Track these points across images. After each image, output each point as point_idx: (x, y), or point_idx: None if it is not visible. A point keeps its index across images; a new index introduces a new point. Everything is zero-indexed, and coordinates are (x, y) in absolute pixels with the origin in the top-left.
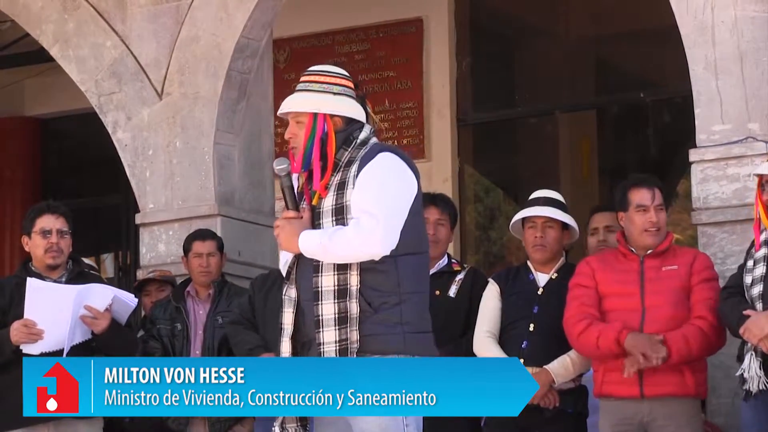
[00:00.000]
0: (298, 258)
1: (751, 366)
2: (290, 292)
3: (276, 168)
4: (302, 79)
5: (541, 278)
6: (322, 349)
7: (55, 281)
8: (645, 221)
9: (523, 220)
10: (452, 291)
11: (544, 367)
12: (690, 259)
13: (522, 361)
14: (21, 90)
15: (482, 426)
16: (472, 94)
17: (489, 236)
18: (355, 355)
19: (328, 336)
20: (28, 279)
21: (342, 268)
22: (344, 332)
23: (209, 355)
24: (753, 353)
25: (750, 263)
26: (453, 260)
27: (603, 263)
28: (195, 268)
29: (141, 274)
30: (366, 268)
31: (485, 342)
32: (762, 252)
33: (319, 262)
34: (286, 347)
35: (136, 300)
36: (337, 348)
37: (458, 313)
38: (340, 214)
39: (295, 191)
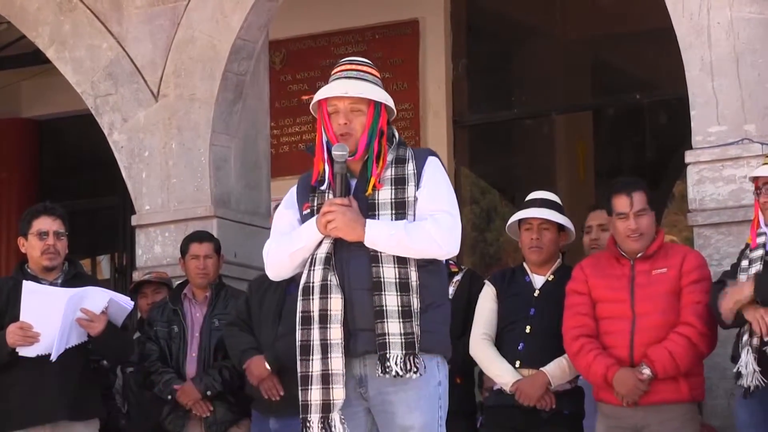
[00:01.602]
0: (335, 245)
1: (747, 361)
2: (333, 279)
3: (336, 153)
4: (352, 66)
5: (538, 280)
6: (387, 340)
7: (51, 283)
8: (625, 228)
9: (520, 221)
10: (449, 292)
11: (541, 369)
12: (680, 259)
13: (518, 362)
14: (17, 91)
15: (479, 427)
16: (468, 96)
17: (485, 238)
18: (418, 350)
19: (393, 327)
20: (24, 282)
21: (402, 262)
22: (409, 326)
23: (205, 358)
24: (749, 348)
25: (745, 263)
26: (450, 261)
27: (595, 268)
28: (192, 270)
29: (137, 276)
30: (420, 265)
31: (481, 344)
32: (758, 252)
33: (377, 252)
34: (337, 333)
35: (132, 303)
36: (403, 341)
37: (456, 314)
38: (401, 209)
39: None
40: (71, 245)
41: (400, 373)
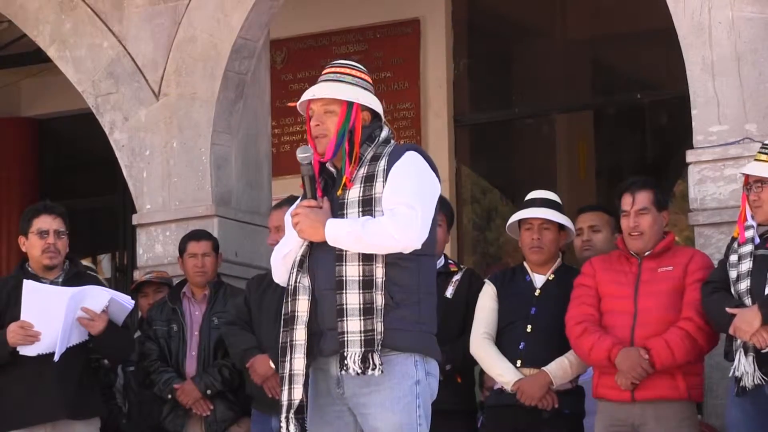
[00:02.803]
0: (311, 247)
1: (741, 363)
2: (304, 281)
3: (299, 156)
4: (331, 69)
5: (538, 279)
6: (345, 338)
7: (51, 282)
8: (626, 226)
9: (520, 221)
10: (449, 292)
11: (542, 368)
12: (686, 259)
13: (519, 362)
14: (18, 90)
15: (479, 427)
16: (468, 95)
17: (486, 237)
18: (379, 347)
19: (353, 326)
20: (25, 281)
21: (367, 259)
22: (369, 323)
23: (205, 357)
24: (742, 350)
25: (734, 258)
26: (450, 261)
27: (605, 264)
28: (190, 269)
29: (138, 275)
30: (390, 262)
31: (482, 343)
32: (748, 248)
33: (342, 251)
34: (301, 335)
35: (133, 302)
36: (363, 338)
37: (455, 314)
38: (368, 206)
39: (317, 181)
40: (72, 244)
41: (358, 371)
